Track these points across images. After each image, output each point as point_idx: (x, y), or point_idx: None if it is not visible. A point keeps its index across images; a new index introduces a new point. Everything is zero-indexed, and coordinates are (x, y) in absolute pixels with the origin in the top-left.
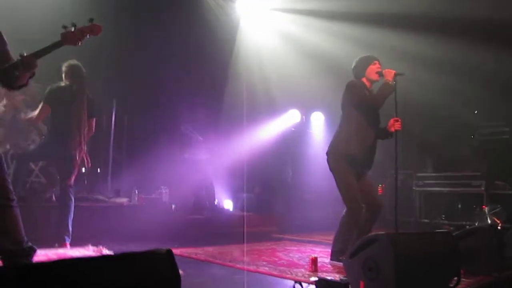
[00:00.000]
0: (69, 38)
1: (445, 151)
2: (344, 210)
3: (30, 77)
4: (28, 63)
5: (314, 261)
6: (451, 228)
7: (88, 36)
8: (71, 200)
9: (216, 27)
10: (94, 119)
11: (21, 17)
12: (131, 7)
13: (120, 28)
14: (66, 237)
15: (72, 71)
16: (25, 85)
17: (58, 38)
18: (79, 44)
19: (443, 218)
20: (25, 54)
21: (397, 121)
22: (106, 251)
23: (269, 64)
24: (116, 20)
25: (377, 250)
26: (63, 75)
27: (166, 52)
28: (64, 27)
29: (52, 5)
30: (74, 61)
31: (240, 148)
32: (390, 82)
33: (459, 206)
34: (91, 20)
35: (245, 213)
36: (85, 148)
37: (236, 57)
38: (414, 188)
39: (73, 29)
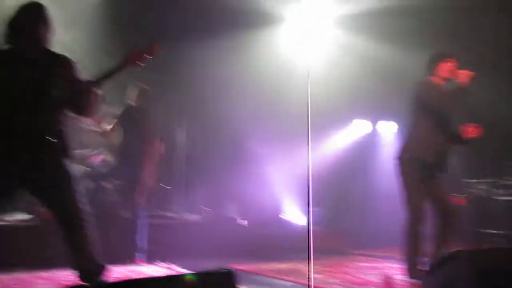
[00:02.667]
0: (131, 59)
1: None
2: (406, 222)
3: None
4: (89, 89)
5: (389, 279)
6: None
7: (149, 57)
8: (140, 217)
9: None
10: (162, 142)
11: None
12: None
13: (188, 43)
14: (137, 254)
15: (141, 95)
16: (95, 112)
17: (120, 60)
18: (141, 65)
19: None
20: (89, 80)
21: (474, 127)
22: (176, 268)
23: (336, 73)
24: (185, 32)
25: (457, 268)
26: (133, 98)
27: (226, 69)
28: (127, 49)
29: None
30: (141, 85)
31: (307, 160)
32: (463, 86)
33: None
34: (151, 41)
35: (309, 227)
36: (154, 171)
37: (299, 66)
38: (498, 197)
39: (134, 50)
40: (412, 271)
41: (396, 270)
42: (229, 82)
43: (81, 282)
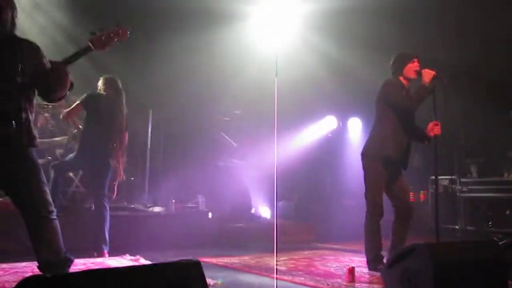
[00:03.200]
0: (97, 43)
1: (491, 155)
2: (365, 216)
3: (69, 89)
4: (58, 70)
5: (351, 271)
6: (499, 235)
7: (115, 40)
8: (106, 209)
9: (249, 32)
10: (127, 133)
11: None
12: (172, 15)
13: (154, 35)
14: (104, 246)
15: (111, 84)
16: (63, 97)
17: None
18: (107, 48)
19: (491, 226)
20: (55, 63)
21: (436, 125)
22: (143, 260)
23: (304, 69)
24: (151, 26)
25: (415, 261)
26: (102, 88)
27: (198, 61)
28: (92, 33)
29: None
30: (110, 75)
31: (276, 154)
32: (427, 84)
33: (507, 212)
34: (118, 23)
35: (276, 221)
36: (124, 160)
37: (270, 62)
38: (458, 194)
39: (100, 34)
40: (372, 264)
41: (358, 262)
42: (199, 76)
43: (42, 273)
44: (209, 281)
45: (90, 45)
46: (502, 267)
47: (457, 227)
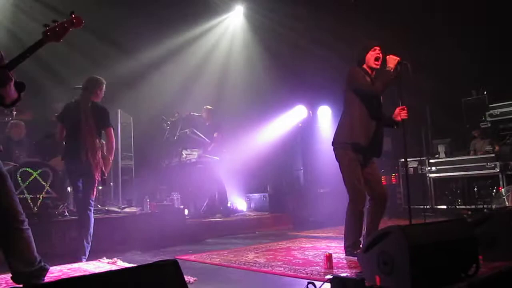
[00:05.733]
0: (51, 35)
1: (457, 135)
2: (348, 202)
3: (21, 91)
4: (7, 75)
5: (329, 258)
6: (469, 212)
7: (70, 29)
8: (91, 219)
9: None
10: (111, 128)
11: None
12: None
13: (124, 33)
14: (83, 257)
15: (83, 86)
16: (17, 100)
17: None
18: (61, 40)
19: (460, 203)
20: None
21: (403, 109)
22: (120, 263)
23: (271, 60)
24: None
25: (391, 243)
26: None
27: (166, 62)
28: (45, 25)
29: None
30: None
31: (249, 147)
32: (390, 70)
33: (475, 189)
34: (72, 13)
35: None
36: (101, 160)
37: (238, 55)
38: (428, 175)
39: (54, 25)
40: (350, 250)
41: (335, 249)
42: (167, 77)
43: (17, 285)
44: (189, 278)
45: (44, 38)
46: (472, 244)
47: (428, 206)
